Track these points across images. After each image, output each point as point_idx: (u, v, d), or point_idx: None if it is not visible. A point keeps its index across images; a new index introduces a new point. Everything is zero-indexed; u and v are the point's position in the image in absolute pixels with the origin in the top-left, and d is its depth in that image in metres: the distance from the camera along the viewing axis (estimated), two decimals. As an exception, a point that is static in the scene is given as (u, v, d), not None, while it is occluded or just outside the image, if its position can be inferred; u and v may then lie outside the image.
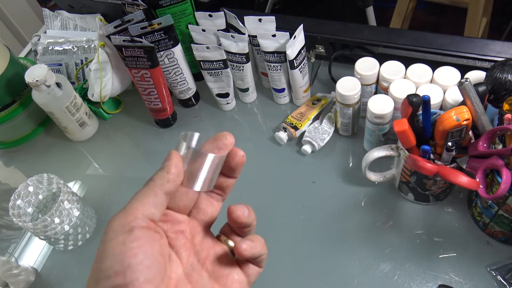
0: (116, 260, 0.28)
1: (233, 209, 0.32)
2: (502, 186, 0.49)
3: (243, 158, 0.34)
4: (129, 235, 0.28)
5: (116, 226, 0.29)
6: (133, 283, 0.27)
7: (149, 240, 0.29)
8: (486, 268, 0.60)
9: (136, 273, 0.28)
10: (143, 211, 0.30)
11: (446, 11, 1.94)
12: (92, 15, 0.96)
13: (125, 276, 0.27)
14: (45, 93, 0.79)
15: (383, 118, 0.67)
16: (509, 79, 0.56)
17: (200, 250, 0.33)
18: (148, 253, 0.29)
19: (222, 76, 0.82)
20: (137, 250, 0.28)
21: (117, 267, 0.28)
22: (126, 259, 0.28)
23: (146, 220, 0.30)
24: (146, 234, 0.29)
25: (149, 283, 0.28)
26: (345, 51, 0.83)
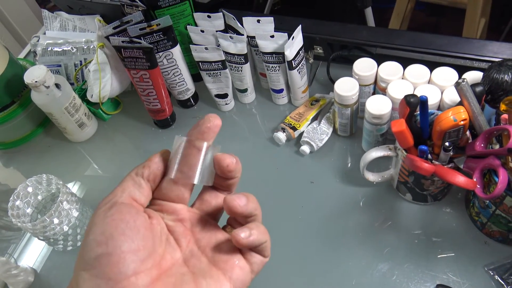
0: (98, 231, 0.28)
1: (228, 199, 0.31)
2: (499, 186, 0.49)
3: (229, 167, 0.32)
4: (110, 209, 0.29)
5: (99, 205, 0.30)
6: (115, 252, 0.27)
7: (132, 213, 0.29)
8: (484, 268, 0.61)
9: (118, 242, 0.28)
10: (121, 190, 0.31)
11: (444, 12, 1.94)
12: (91, 16, 0.97)
13: (107, 245, 0.27)
14: (44, 94, 0.80)
15: (381, 119, 0.67)
16: (506, 80, 0.56)
17: (201, 238, 0.33)
18: (130, 224, 0.29)
19: (220, 77, 0.82)
20: (118, 221, 0.28)
21: (99, 238, 0.28)
22: (107, 229, 0.28)
23: (127, 197, 0.30)
24: (128, 208, 0.30)
25: (133, 253, 0.28)
26: (343, 52, 0.83)
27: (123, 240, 0.28)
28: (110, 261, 0.27)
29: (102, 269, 0.27)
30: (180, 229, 0.33)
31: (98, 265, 0.27)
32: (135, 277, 0.28)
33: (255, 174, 0.77)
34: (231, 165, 0.32)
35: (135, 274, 0.28)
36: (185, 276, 0.30)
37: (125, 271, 0.27)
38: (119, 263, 0.27)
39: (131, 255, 0.28)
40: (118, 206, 0.29)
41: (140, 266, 0.28)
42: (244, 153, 0.79)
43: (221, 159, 0.32)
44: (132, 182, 0.31)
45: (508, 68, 0.57)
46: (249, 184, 0.75)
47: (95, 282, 0.27)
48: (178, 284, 0.29)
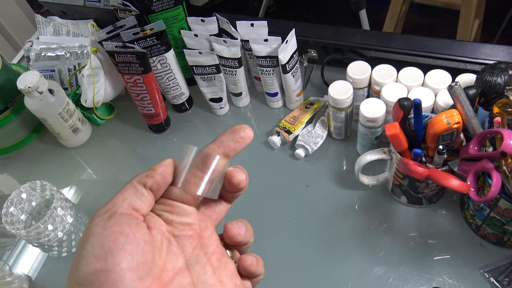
0: (96, 244, 0.27)
1: (229, 227, 0.32)
2: (492, 189, 0.49)
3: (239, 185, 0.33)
4: (109, 220, 0.28)
5: (97, 214, 0.28)
6: (114, 269, 0.26)
7: (132, 226, 0.28)
8: (479, 270, 0.61)
9: (117, 258, 0.26)
10: (122, 199, 0.29)
11: (439, 14, 1.95)
12: (84, 20, 0.96)
13: (106, 262, 0.26)
14: (38, 99, 0.79)
15: (375, 122, 0.67)
16: (499, 82, 0.56)
17: (208, 244, 0.32)
18: (130, 238, 0.27)
19: (215, 81, 0.82)
20: (117, 234, 0.27)
21: (97, 251, 0.26)
22: (106, 243, 0.27)
23: (127, 207, 0.29)
24: (128, 219, 0.28)
25: (133, 271, 0.27)
26: (337, 55, 0.83)
27: (122, 256, 0.27)
28: (109, 279, 0.26)
29: (99, 286, 0.26)
30: (187, 232, 0.32)
31: (96, 282, 0.26)
32: None
33: (250, 178, 0.76)
34: (242, 182, 0.32)
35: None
36: None
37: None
38: (117, 281, 0.26)
39: (131, 273, 0.27)
40: (118, 217, 0.28)
41: (139, 285, 0.27)
42: (239, 157, 0.78)
43: (232, 175, 0.32)
44: (133, 190, 0.30)
45: (501, 70, 0.57)
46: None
47: None
48: None
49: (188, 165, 0.31)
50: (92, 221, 0.28)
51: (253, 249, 0.73)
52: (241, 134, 0.32)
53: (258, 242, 0.68)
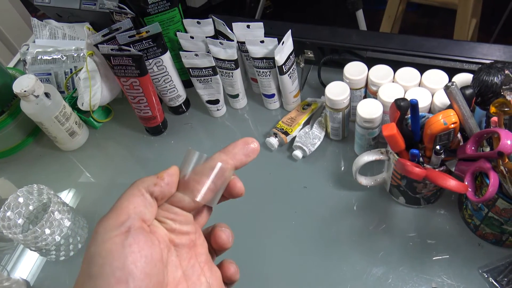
0: (115, 265, 0.26)
1: (219, 234, 0.33)
2: (490, 189, 0.49)
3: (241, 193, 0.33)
4: (127, 237, 0.27)
5: (110, 225, 0.27)
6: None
7: (148, 243, 0.28)
8: (478, 270, 0.60)
9: (138, 281, 0.26)
10: (134, 209, 0.28)
11: (436, 13, 1.95)
12: (80, 24, 0.96)
13: (127, 285, 0.26)
14: (34, 103, 0.79)
15: (372, 122, 0.67)
16: (496, 82, 0.56)
17: (201, 252, 0.33)
18: (149, 259, 0.27)
19: (211, 82, 0.82)
20: (137, 254, 0.27)
21: (118, 274, 0.26)
22: (128, 264, 0.26)
23: (139, 220, 0.28)
24: (144, 236, 0.28)
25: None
26: (334, 56, 0.83)
27: (143, 280, 0.26)
28: None
29: None
30: (186, 242, 0.32)
31: None
32: None
33: (247, 179, 0.76)
34: (243, 191, 0.33)
35: None
36: None
37: None
38: None
39: None
40: (135, 234, 0.27)
41: None
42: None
43: (235, 184, 0.33)
44: (141, 199, 0.29)
45: (498, 70, 0.57)
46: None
47: None
48: None
49: (190, 169, 0.31)
50: (103, 234, 0.27)
51: (251, 250, 0.73)
52: (252, 147, 0.33)
53: (257, 243, 0.69)
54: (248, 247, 0.68)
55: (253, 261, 0.67)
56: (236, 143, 0.33)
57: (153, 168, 0.83)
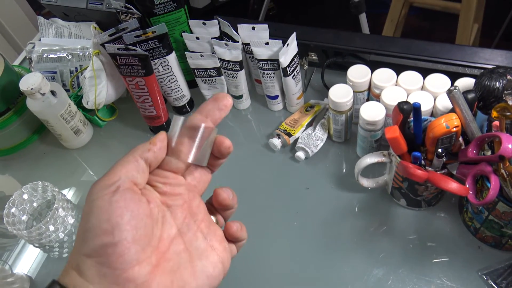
0: (103, 218, 0.28)
1: (219, 192, 0.35)
2: (491, 192, 0.49)
3: (230, 149, 0.35)
4: (114, 194, 0.29)
5: (101, 186, 0.30)
6: (121, 242, 0.28)
7: (135, 201, 0.30)
8: (478, 273, 0.61)
9: (124, 232, 0.28)
10: (126, 173, 0.30)
11: (438, 17, 1.96)
12: (86, 23, 0.97)
13: (114, 235, 0.28)
14: (40, 101, 0.80)
15: (375, 125, 0.68)
16: (497, 87, 0.57)
17: (197, 212, 0.35)
18: (135, 213, 0.29)
19: (216, 83, 0.83)
20: (123, 209, 0.29)
21: (105, 226, 0.28)
22: (113, 217, 0.28)
23: (129, 182, 0.30)
24: (131, 195, 0.30)
25: (137, 243, 0.29)
26: (337, 59, 0.84)
27: (128, 231, 0.29)
28: (116, 251, 0.28)
29: (107, 258, 0.28)
30: (179, 202, 0.34)
31: (103, 254, 0.28)
32: (138, 267, 0.29)
33: (250, 180, 0.77)
34: (231, 147, 0.35)
35: (138, 263, 0.29)
36: (182, 259, 0.32)
37: (129, 261, 0.28)
38: (124, 253, 0.28)
39: (135, 245, 0.29)
40: (122, 192, 0.29)
41: (142, 255, 0.29)
42: (240, 159, 0.80)
43: (222, 140, 0.34)
44: (135, 165, 0.31)
45: (500, 75, 0.57)
46: (244, 190, 0.75)
47: (101, 271, 0.28)
48: (176, 268, 0.31)
49: (177, 134, 0.33)
50: (94, 193, 0.30)
51: (253, 250, 0.74)
52: (224, 102, 0.34)
53: (258, 243, 0.69)
54: (250, 247, 0.68)
55: (255, 261, 0.68)
56: (208, 101, 0.35)
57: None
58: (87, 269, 0.28)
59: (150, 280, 0.29)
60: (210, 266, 0.32)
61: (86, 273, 0.28)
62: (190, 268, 0.32)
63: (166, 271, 0.31)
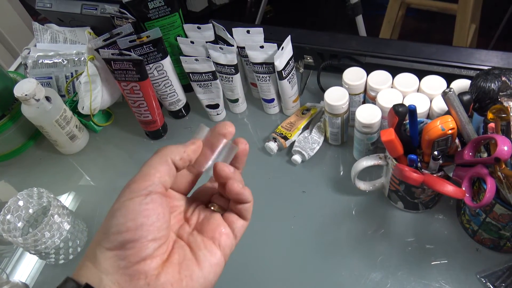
0: (129, 217, 0.30)
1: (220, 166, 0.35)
2: (487, 195, 0.49)
3: (246, 146, 0.38)
4: (145, 198, 0.31)
5: (134, 188, 0.31)
6: (141, 240, 0.30)
7: (162, 204, 0.32)
8: (476, 275, 0.61)
9: (146, 232, 0.30)
10: (159, 177, 0.32)
11: (435, 18, 1.96)
12: (81, 28, 0.97)
13: (135, 233, 0.30)
14: (35, 107, 0.79)
15: (371, 128, 0.67)
16: (493, 88, 0.57)
17: (190, 217, 0.37)
18: (160, 216, 0.31)
19: (211, 87, 0.82)
20: (151, 211, 0.31)
21: (130, 224, 0.30)
22: (140, 218, 0.30)
23: (161, 186, 0.32)
24: (161, 199, 0.32)
25: (155, 241, 0.31)
26: (333, 61, 0.84)
27: (151, 231, 0.31)
28: (135, 247, 0.30)
29: (125, 252, 0.30)
30: (176, 214, 0.37)
31: (122, 248, 0.30)
32: (150, 260, 0.31)
33: (247, 184, 0.76)
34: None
35: (151, 258, 0.31)
36: (185, 251, 0.34)
37: (144, 256, 0.31)
38: (141, 249, 0.30)
39: (153, 243, 0.31)
40: (154, 197, 0.31)
41: (156, 252, 0.31)
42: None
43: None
44: (167, 168, 0.33)
45: (495, 76, 0.57)
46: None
47: (116, 262, 0.30)
48: (182, 260, 0.33)
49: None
50: (127, 194, 0.31)
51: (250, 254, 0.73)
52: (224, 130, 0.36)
53: (256, 247, 0.69)
54: (247, 250, 0.68)
55: (252, 265, 0.68)
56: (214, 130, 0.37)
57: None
58: (103, 261, 0.30)
59: (160, 272, 0.31)
60: (209, 255, 0.34)
61: (102, 265, 0.30)
62: (193, 259, 0.33)
63: (173, 264, 0.32)
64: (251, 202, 0.38)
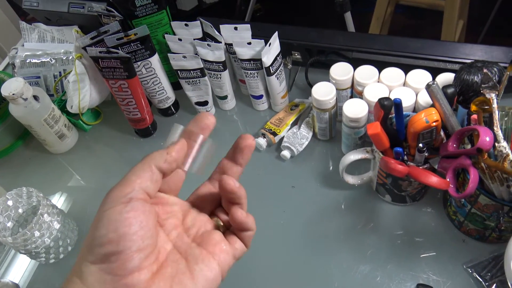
0: (110, 228, 0.29)
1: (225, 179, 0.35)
2: (470, 185, 0.50)
3: (253, 142, 0.38)
4: (126, 206, 0.30)
5: (114, 196, 0.30)
6: (125, 252, 0.29)
7: (145, 212, 0.30)
8: (463, 266, 0.61)
9: (129, 242, 0.29)
10: (140, 184, 0.31)
11: (424, 15, 1.97)
12: (69, 27, 0.96)
13: (118, 244, 0.28)
14: (22, 106, 0.79)
15: (358, 122, 0.68)
16: (476, 81, 0.57)
17: (191, 227, 0.35)
18: (143, 224, 0.30)
19: (200, 84, 0.83)
20: (132, 220, 0.29)
21: (111, 235, 0.29)
22: (121, 228, 0.29)
23: (143, 193, 0.31)
24: (143, 206, 0.30)
25: (141, 252, 0.29)
26: (320, 57, 0.84)
27: (134, 241, 0.29)
28: (119, 259, 0.29)
29: (110, 265, 0.29)
30: (172, 221, 0.34)
31: (107, 261, 0.29)
32: (138, 273, 0.29)
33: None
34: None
35: (139, 270, 0.29)
36: (180, 265, 0.32)
37: (131, 268, 0.29)
38: (126, 261, 0.29)
39: (139, 254, 0.29)
40: (134, 203, 0.30)
41: (144, 263, 0.30)
42: (226, 160, 0.79)
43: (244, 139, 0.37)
44: (150, 174, 0.32)
45: (478, 69, 0.58)
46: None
47: (102, 277, 0.29)
48: (174, 274, 0.31)
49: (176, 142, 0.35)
50: (107, 203, 0.30)
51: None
52: (205, 121, 0.36)
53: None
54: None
55: (241, 260, 0.68)
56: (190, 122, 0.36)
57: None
58: (89, 276, 0.29)
59: (149, 286, 0.30)
60: (207, 270, 0.32)
61: (88, 280, 0.29)
62: (188, 273, 0.32)
63: (165, 277, 0.31)
64: (254, 231, 0.36)
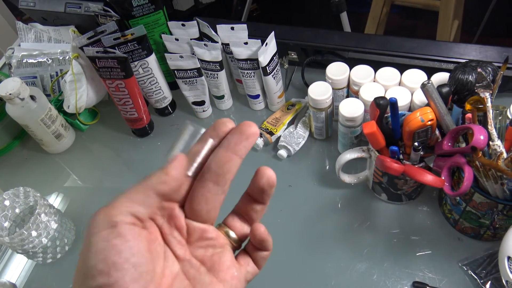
0: (99, 258, 0.26)
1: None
2: (465, 183, 0.50)
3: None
4: (112, 231, 0.27)
5: (99, 220, 0.27)
6: (118, 283, 0.26)
7: (135, 236, 0.27)
8: (458, 264, 0.62)
9: (121, 271, 0.26)
10: (129, 208, 0.28)
11: (420, 15, 1.98)
12: (65, 27, 0.96)
13: (110, 276, 0.26)
14: (19, 106, 0.79)
15: (354, 121, 0.69)
16: (470, 80, 0.58)
17: (198, 246, 0.32)
18: (134, 250, 0.27)
19: (197, 84, 0.83)
20: (121, 247, 0.26)
21: (101, 266, 0.26)
22: (110, 257, 0.26)
23: (130, 217, 0.28)
24: (131, 230, 0.27)
25: (136, 282, 0.26)
26: (317, 57, 0.85)
27: (126, 269, 0.26)
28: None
29: None
30: (177, 238, 0.31)
31: None
32: None
33: (233, 180, 0.77)
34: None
35: None
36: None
37: None
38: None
39: (134, 284, 0.26)
40: (121, 228, 0.27)
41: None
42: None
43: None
44: (142, 197, 0.29)
45: (472, 68, 0.59)
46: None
47: None
48: None
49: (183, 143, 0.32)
50: (94, 227, 0.27)
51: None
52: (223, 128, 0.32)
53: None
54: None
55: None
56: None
57: (140, 170, 0.84)
58: None
59: None
60: None
61: None
62: None
63: None
64: (270, 252, 0.34)
